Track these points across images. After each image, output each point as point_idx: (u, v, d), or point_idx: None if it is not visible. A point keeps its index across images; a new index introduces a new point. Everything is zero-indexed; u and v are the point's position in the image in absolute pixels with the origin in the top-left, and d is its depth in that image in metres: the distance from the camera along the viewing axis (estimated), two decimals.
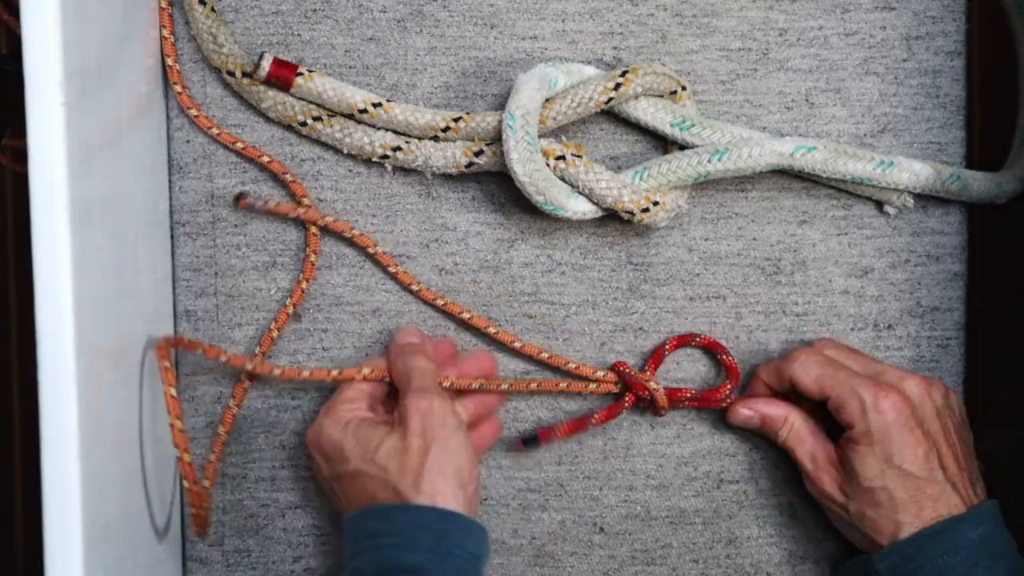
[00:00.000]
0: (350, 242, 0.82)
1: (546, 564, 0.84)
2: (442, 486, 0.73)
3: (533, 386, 0.81)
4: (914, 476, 0.76)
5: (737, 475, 0.85)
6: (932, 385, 0.79)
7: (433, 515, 0.73)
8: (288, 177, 0.82)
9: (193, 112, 0.81)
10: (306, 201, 0.82)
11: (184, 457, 0.73)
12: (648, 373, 0.82)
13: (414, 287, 0.82)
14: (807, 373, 0.79)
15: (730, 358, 0.83)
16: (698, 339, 0.83)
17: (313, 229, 0.82)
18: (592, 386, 0.82)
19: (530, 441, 0.82)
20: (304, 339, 0.83)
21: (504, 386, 0.81)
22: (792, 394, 0.81)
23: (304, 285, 0.82)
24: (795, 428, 0.81)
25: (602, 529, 0.85)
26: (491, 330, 0.82)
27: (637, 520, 0.85)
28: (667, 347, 0.83)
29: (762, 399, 0.82)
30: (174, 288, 0.83)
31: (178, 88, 0.81)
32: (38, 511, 0.63)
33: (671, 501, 0.85)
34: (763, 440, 0.84)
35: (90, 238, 0.65)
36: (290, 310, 0.82)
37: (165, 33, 0.81)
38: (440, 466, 0.74)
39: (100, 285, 0.67)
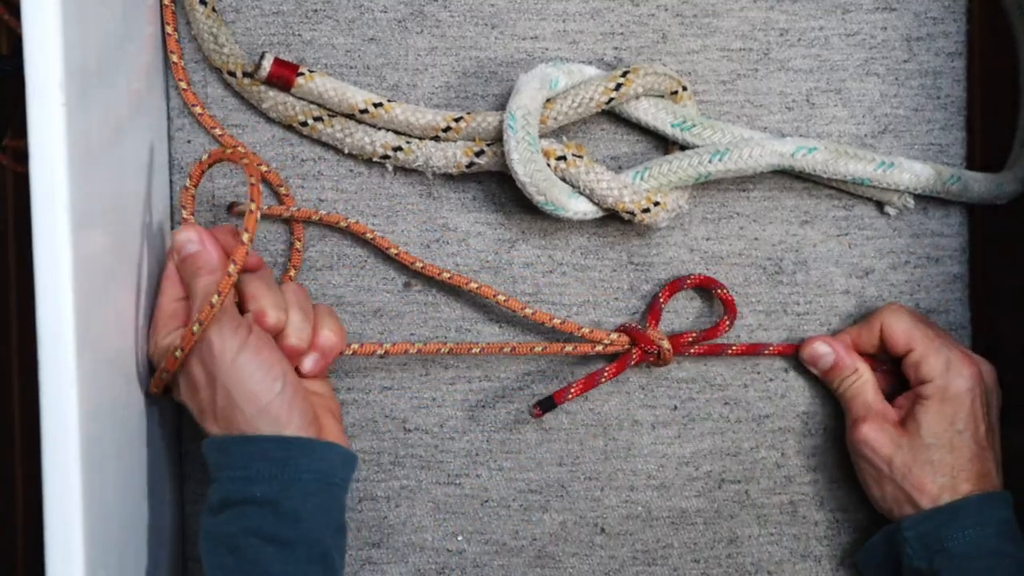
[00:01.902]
0: (346, 232, 0.82)
1: (547, 565, 0.84)
2: (245, 417, 0.72)
3: (538, 349, 0.81)
4: (970, 446, 0.78)
5: (738, 475, 0.85)
6: (994, 373, 0.81)
7: (270, 443, 0.72)
8: (282, 190, 0.82)
9: (198, 110, 0.81)
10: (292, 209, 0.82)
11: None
12: (652, 327, 0.82)
13: (404, 258, 0.81)
14: (899, 322, 0.80)
15: (725, 291, 0.82)
16: (689, 280, 0.83)
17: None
18: (599, 347, 0.82)
19: (546, 403, 0.81)
20: None
21: (507, 349, 0.81)
22: (875, 355, 0.83)
23: (292, 273, 0.82)
24: (862, 379, 0.81)
25: (603, 530, 0.85)
26: (500, 298, 0.81)
27: (638, 520, 0.85)
28: (661, 298, 0.83)
29: (843, 344, 0.82)
30: None
31: (183, 84, 0.81)
32: (38, 511, 0.63)
33: (672, 501, 0.85)
34: (764, 439, 0.84)
35: (91, 238, 0.65)
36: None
37: (169, 30, 0.81)
38: (231, 400, 0.72)
39: (100, 285, 0.67)
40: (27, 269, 0.62)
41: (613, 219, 0.82)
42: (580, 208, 0.79)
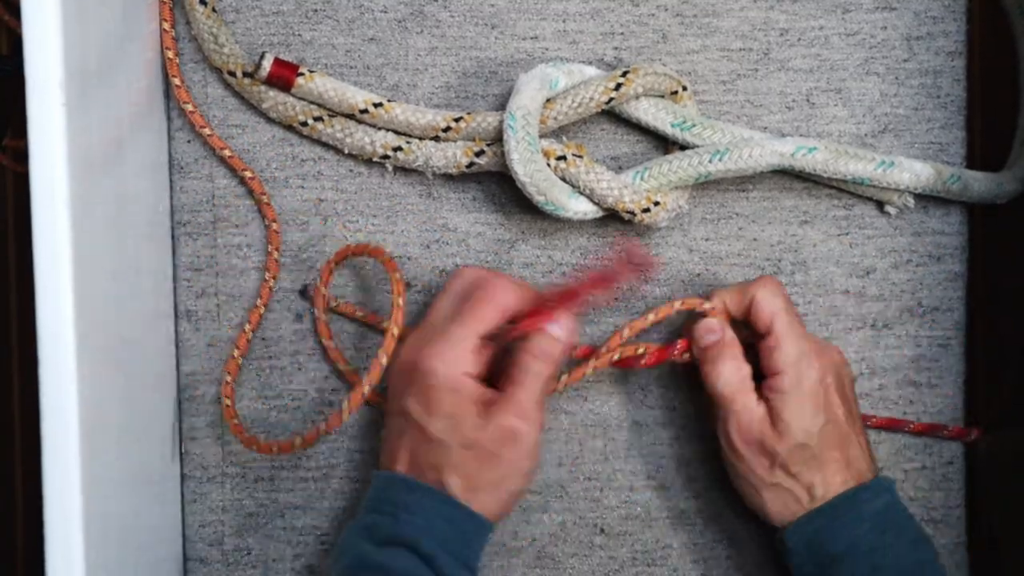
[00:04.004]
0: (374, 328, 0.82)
1: (547, 565, 0.84)
2: (487, 501, 0.75)
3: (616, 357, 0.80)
4: (835, 436, 0.76)
5: None
6: (842, 355, 0.79)
7: (463, 514, 0.74)
8: (264, 199, 0.82)
9: (189, 108, 0.81)
10: (270, 221, 0.82)
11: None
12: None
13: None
14: (770, 300, 0.77)
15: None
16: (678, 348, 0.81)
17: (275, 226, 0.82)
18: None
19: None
20: (305, 339, 0.83)
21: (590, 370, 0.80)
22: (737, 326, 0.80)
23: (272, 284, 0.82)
24: (743, 374, 0.78)
25: (603, 530, 0.85)
26: None
27: (638, 521, 0.85)
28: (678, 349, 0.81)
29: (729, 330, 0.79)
30: (175, 288, 0.83)
31: (176, 81, 0.81)
32: (38, 511, 0.63)
33: (672, 502, 0.85)
34: None
35: (91, 238, 0.65)
36: (261, 310, 0.82)
37: (166, 27, 0.81)
38: (497, 484, 0.75)
39: (101, 285, 0.67)
40: (28, 269, 0.62)
41: (613, 219, 0.82)
42: (580, 208, 0.80)
